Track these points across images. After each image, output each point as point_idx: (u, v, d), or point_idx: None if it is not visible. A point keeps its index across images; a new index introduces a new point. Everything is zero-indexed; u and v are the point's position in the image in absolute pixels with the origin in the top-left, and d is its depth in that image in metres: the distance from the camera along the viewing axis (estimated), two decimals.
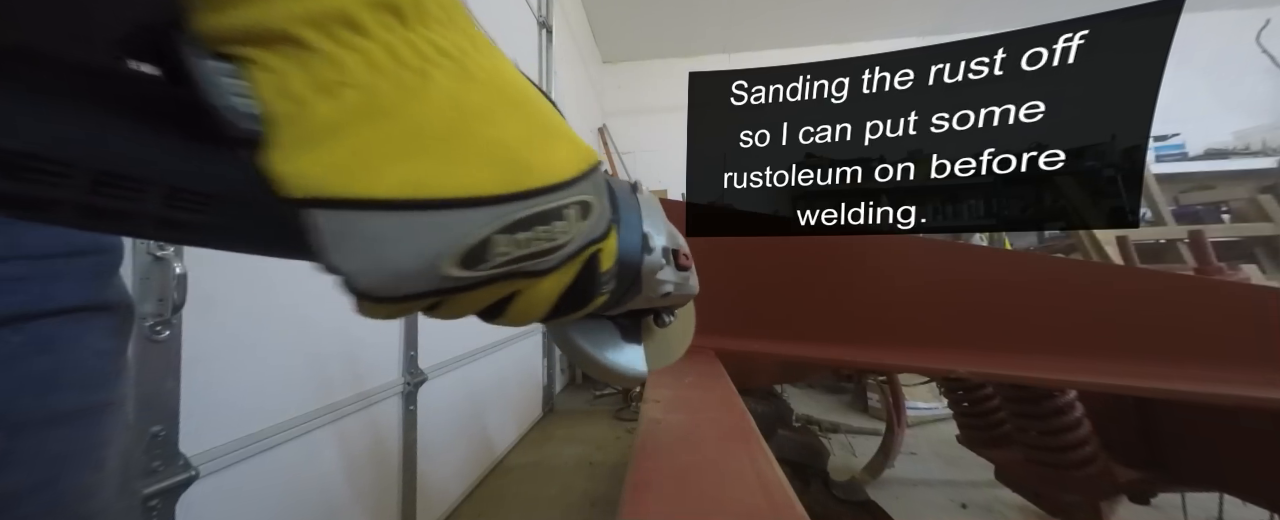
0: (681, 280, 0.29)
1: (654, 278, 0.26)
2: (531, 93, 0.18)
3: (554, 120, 0.19)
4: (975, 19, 4.09)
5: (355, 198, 0.14)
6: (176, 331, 0.65)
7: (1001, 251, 0.97)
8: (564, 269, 0.20)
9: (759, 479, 0.29)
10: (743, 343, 0.81)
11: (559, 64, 2.72)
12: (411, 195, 0.14)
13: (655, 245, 0.25)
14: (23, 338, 0.24)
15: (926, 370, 0.77)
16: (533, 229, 0.17)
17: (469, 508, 1.50)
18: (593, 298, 0.22)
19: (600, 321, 0.30)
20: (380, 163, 0.14)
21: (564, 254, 0.19)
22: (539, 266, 0.18)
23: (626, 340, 0.31)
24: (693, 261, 0.30)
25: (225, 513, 0.74)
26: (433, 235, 0.15)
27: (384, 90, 0.14)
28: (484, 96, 0.16)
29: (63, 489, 0.25)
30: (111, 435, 0.29)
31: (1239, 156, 3.56)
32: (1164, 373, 0.62)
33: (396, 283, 0.15)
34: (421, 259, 0.15)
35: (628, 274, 0.24)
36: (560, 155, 0.18)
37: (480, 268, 0.16)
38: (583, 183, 0.19)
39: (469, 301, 0.19)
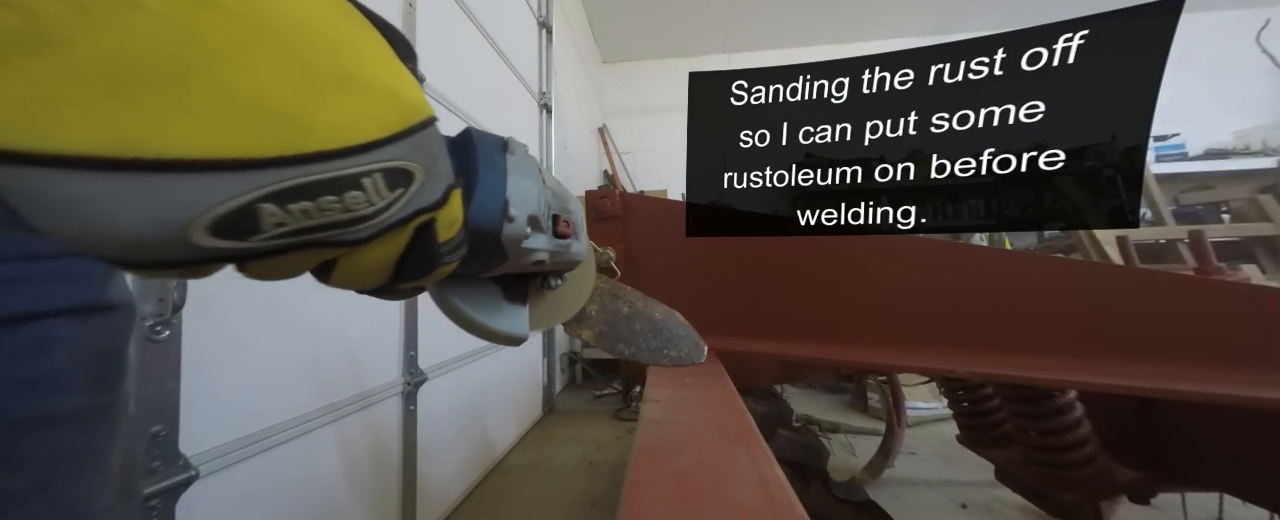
0: (559, 248, 0.28)
1: (518, 247, 0.24)
2: (330, 30, 0.15)
3: (363, 66, 0.15)
4: (975, 19, 4.09)
5: (31, 151, 0.11)
6: (176, 331, 0.65)
7: (1001, 251, 0.97)
8: (387, 238, 0.18)
9: (759, 479, 0.29)
10: (743, 343, 0.81)
11: (559, 64, 2.72)
12: (116, 153, 0.11)
13: (517, 214, 0.23)
14: (22, 338, 0.24)
15: (926, 370, 0.77)
16: (316, 199, 0.14)
17: (469, 508, 1.50)
18: (432, 267, 0.20)
19: (483, 283, 0.29)
20: (62, 107, 0.11)
21: (379, 224, 0.17)
22: (346, 237, 0.16)
23: (510, 301, 0.30)
24: (575, 229, 0.29)
25: (225, 513, 0.74)
26: (163, 202, 0.12)
27: (52, 11, 0.11)
28: (234, 32, 0.12)
29: (63, 490, 0.25)
30: (113, 436, 0.29)
31: (1239, 156, 3.57)
32: (1164, 373, 0.62)
33: (136, 252, 0.13)
34: (157, 228, 0.12)
35: (485, 240, 0.23)
36: (361, 111, 0.15)
37: (253, 238, 0.14)
38: (395, 145, 0.16)
39: (271, 267, 0.16)
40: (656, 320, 0.45)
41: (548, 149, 2.49)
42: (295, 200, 0.14)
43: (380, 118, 0.16)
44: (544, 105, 2.47)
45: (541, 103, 2.46)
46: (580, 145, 3.47)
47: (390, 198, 0.16)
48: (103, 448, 0.28)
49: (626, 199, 0.91)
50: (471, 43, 1.69)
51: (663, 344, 0.44)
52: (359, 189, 0.15)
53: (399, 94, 0.16)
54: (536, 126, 2.41)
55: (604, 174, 4.12)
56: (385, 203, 0.16)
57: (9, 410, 0.23)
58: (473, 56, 1.70)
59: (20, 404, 0.24)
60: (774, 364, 1.08)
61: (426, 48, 1.31)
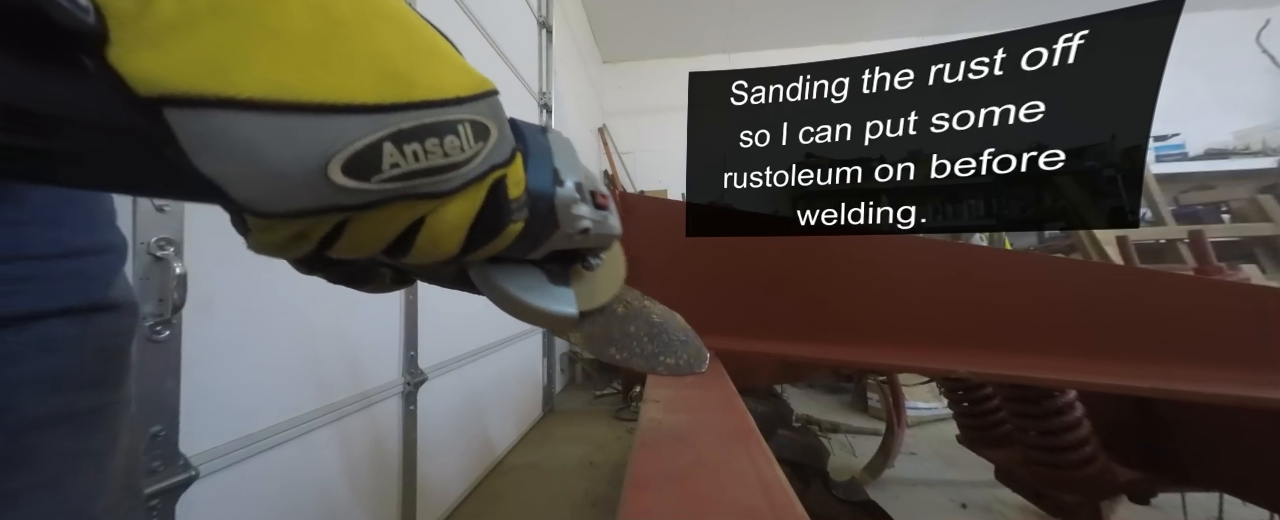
0: (600, 218, 0.29)
1: (569, 211, 0.26)
2: (415, 19, 0.18)
3: (441, 46, 0.19)
4: (975, 19, 4.09)
5: (216, 95, 0.13)
6: (176, 331, 0.65)
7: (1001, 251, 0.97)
8: (468, 192, 0.20)
9: (759, 479, 0.29)
10: (743, 343, 0.81)
11: (559, 64, 2.72)
12: (279, 97, 0.14)
13: (566, 179, 0.25)
14: (26, 338, 0.24)
15: (926, 370, 0.77)
16: (424, 141, 0.17)
17: (469, 508, 1.50)
18: (504, 225, 0.22)
19: (527, 267, 0.30)
20: (239, 61, 0.14)
21: (465, 175, 0.19)
22: (440, 187, 0.18)
23: (555, 284, 0.31)
24: (610, 202, 0.30)
25: (225, 513, 0.74)
26: (311, 139, 0.15)
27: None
28: (358, 8, 0.16)
29: (66, 489, 0.25)
30: (116, 435, 0.29)
31: (1239, 156, 3.57)
32: (1164, 373, 0.62)
33: (281, 192, 0.15)
34: (303, 164, 0.15)
35: (541, 206, 0.24)
36: (447, 75, 0.18)
37: (374, 179, 0.16)
38: (476, 103, 0.19)
39: (371, 226, 0.18)
40: (654, 323, 0.42)
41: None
42: (409, 141, 0.17)
43: (463, 82, 0.19)
44: (544, 105, 2.47)
45: (541, 103, 2.46)
46: (580, 145, 3.48)
47: (476, 147, 0.19)
48: (106, 447, 0.28)
49: (626, 199, 0.91)
50: (471, 43, 1.69)
51: (659, 349, 0.41)
52: (455, 134, 0.18)
53: (470, 69, 0.20)
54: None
55: (604, 174, 4.12)
56: (473, 152, 0.19)
57: (12, 409, 0.23)
58: (473, 56, 1.69)
59: (24, 403, 0.24)
60: (774, 364, 1.08)
61: None
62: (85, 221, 0.28)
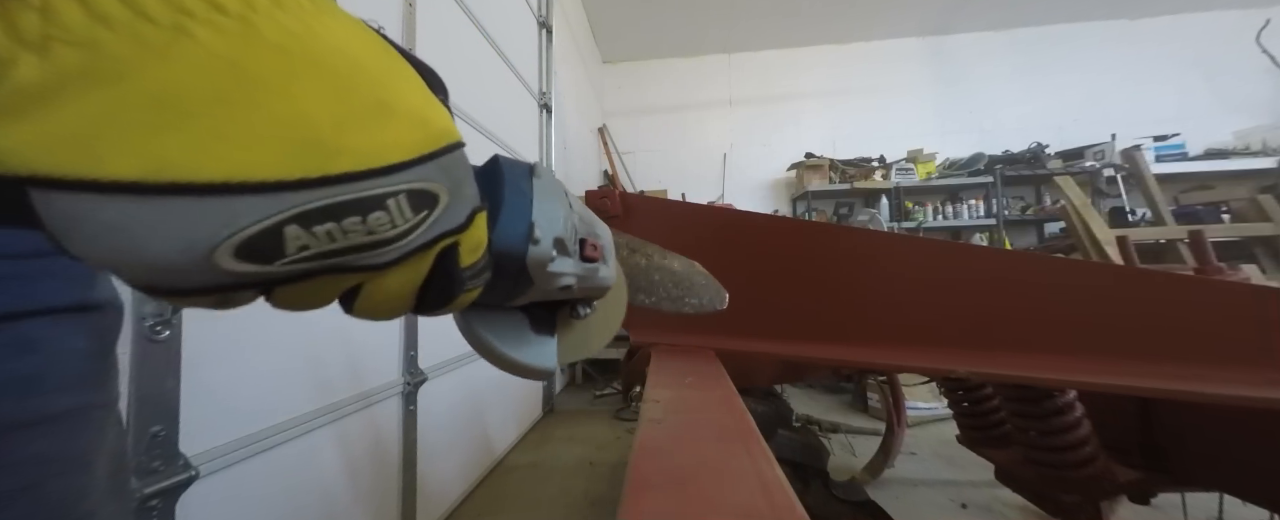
0: (587, 272, 0.27)
1: (544, 270, 0.24)
2: (368, 61, 0.16)
3: (396, 95, 0.16)
4: (975, 19, 4.09)
5: (82, 178, 0.11)
6: (176, 331, 0.65)
7: (1001, 251, 0.97)
8: (410, 263, 0.18)
9: (759, 479, 0.29)
10: (743, 343, 0.81)
11: (559, 64, 2.72)
12: (157, 177, 0.12)
13: (543, 236, 0.23)
14: (4, 338, 0.24)
15: (926, 370, 0.77)
16: (341, 220, 0.15)
17: (469, 508, 1.50)
18: (455, 294, 0.20)
19: (508, 312, 0.28)
20: (114, 136, 0.12)
21: (402, 248, 0.17)
22: (369, 261, 0.16)
23: (537, 332, 0.29)
24: (603, 253, 0.28)
25: (225, 513, 0.74)
26: (194, 223, 0.13)
27: (113, 48, 0.11)
28: (277, 63, 0.13)
29: (49, 492, 0.25)
30: (100, 437, 0.29)
31: (1239, 156, 3.57)
32: (1164, 373, 0.62)
33: (165, 277, 0.13)
34: (186, 252, 0.13)
35: (510, 266, 0.23)
36: (389, 136, 0.15)
37: (277, 262, 0.14)
38: (421, 168, 0.16)
39: (297, 295, 0.17)
40: (676, 271, 0.45)
41: (548, 149, 2.49)
42: (320, 222, 0.14)
43: (407, 141, 0.16)
44: (544, 105, 2.47)
45: (541, 103, 2.46)
46: (580, 145, 3.47)
47: (413, 220, 0.17)
48: (89, 449, 0.28)
49: (626, 199, 0.91)
50: (471, 43, 1.69)
51: (683, 292, 0.44)
52: (382, 210, 0.15)
53: (428, 120, 0.17)
54: (536, 126, 2.41)
55: (604, 174, 4.12)
56: (408, 225, 0.16)
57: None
58: (473, 56, 1.70)
59: (4, 404, 0.24)
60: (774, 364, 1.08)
61: (426, 48, 1.31)
62: None
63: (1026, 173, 3.78)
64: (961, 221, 3.84)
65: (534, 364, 0.28)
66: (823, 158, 4.02)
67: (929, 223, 3.85)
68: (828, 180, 3.95)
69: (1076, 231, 2.44)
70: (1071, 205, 2.50)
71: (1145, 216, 3.20)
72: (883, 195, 3.86)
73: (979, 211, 3.83)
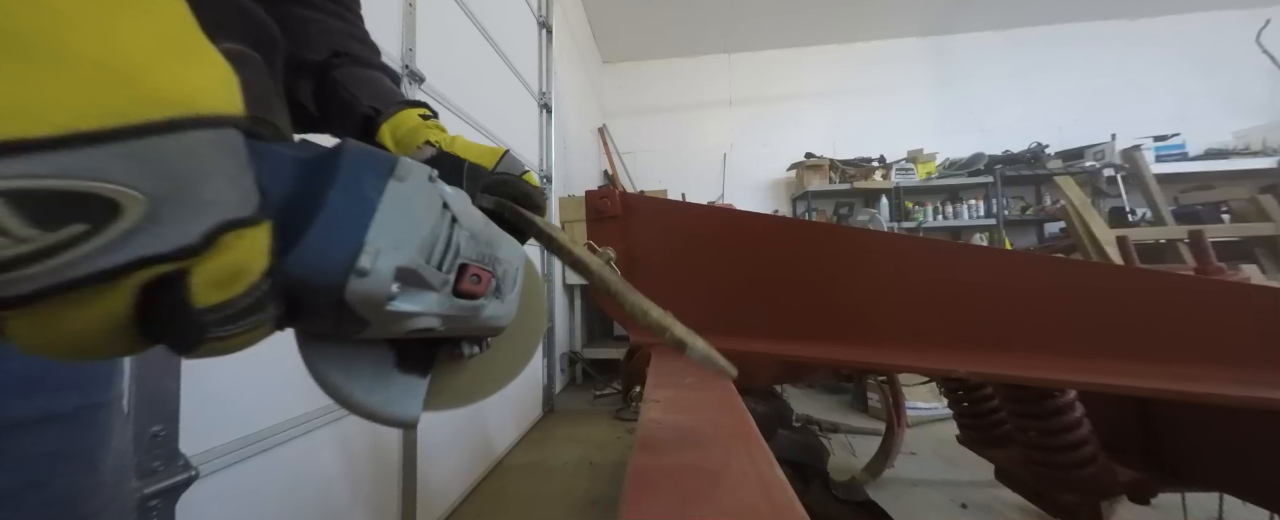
0: (460, 312, 0.20)
1: (381, 311, 0.18)
2: None
3: (69, 29, 0.10)
4: (975, 19, 4.09)
5: None
6: None
7: (1001, 251, 0.97)
8: (80, 299, 0.12)
9: (759, 479, 0.29)
10: (743, 343, 0.81)
11: (559, 64, 2.72)
12: None
13: (375, 265, 0.17)
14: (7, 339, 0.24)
15: (926, 370, 0.77)
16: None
17: (469, 508, 1.50)
18: (192, 342, 0.15)
19: (370, 345, 0.22)
20: None
21: (42, 279, 0.11)
22: None
23: (404, 370, 0.23)
24: (499, 283, 0.22)
25: (225, 513, 0.74)
26: None
27: None
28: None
29: (54, 490, 0.25)
30: (105, 436, 0.29)
31: (1239, 156, 3.57)
32: (1164, 373, 0.62)
33: None
34: None
35: (320, 303, 0.17)
36: (12, 95, 0.10)
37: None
38: (81, 151, 0.10)
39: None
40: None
41: (548, 149, 2.49)
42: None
43: (58, 105, 0.10)
44: (544, 105, 2.47)
45: (541, 103, 2.46)
46: (580, 145, 3.47)
47: (46, 239, 0.11)
48: (94, 447, 0.28)
49: (626, 199, 0.91)
50: (471, 43, 1.69)
51: None
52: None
53: (139, 76, 0.11)
54: (536, 126, 2.41)
55: (604, 174, 4.12)
56: (32, 247, 0.11)
57: (1, 410, 0.23)
58: (473, 56, 1.70)
59: (9, 404, 0.24)
60: (774, 364, 1.08)
61: (426, 48, 1.31)
62: None
63: (1026, 173, 3.78)
64: (961, 221, 3.84)
65: (389, 412, 0.22)
66: (823, 158, 4.02)
67: (929, 223, 3.85)
68: (828, 180, 3.95)
69: (1076, 231, 2.44)
70: (1071, 205, 2.50)
71: (1145, 216, 3.20)
72: (883, 195, 3.86)
73: (979, 211, 3.83)
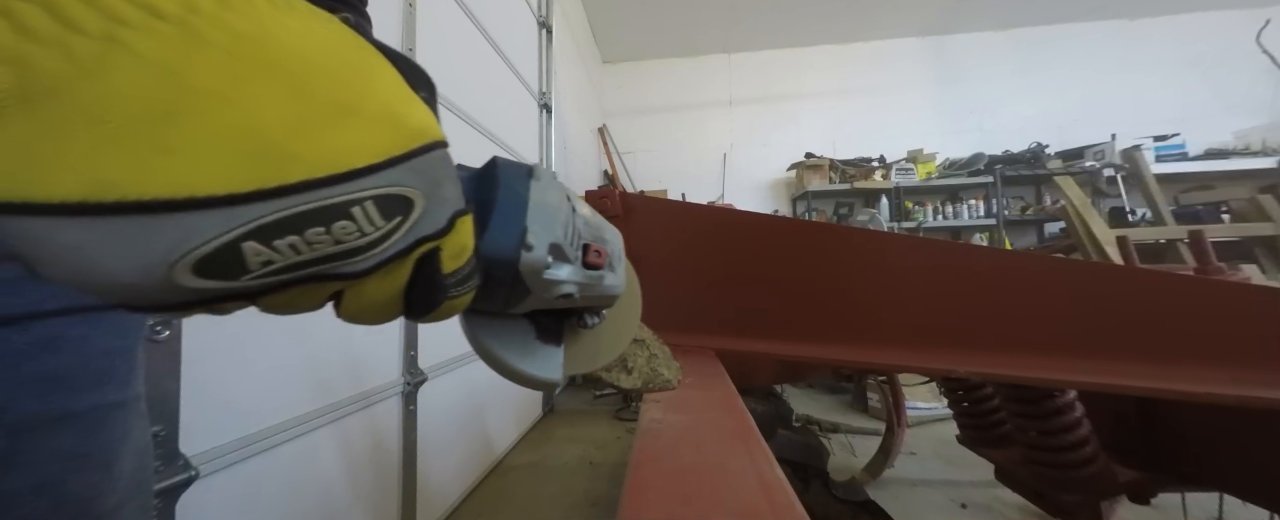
0: (591, 280, 0.25)
1: (540, 278, 0.23)
2: (330, 60, 0.15)
3: (364, 94, 0.15)
4: (976, 19, 4.09)
5: (29, 201, 0.11)
6: (176, 331, 0.65)
7: (1001, 251, 0.97)
8: (388, 270, 0.17)
9: (759, 479, 0.29)
10: (743, 343, 0.81)
11: (559, 64, 2.72)
12: (99, 198, 0.11)
13: (536, 242, 0.22)
14: (27, 337, 0.24)
15: (926, 370, 0.77)
16: (304, 232, 0.14)
17: (469, 508, 1.50)
18: (437, 301, 0.19)
19: (514, 320, 0.27)
20: (53, 157, 0.11)
21: (379, 255, 0.16)
22: (345, 269, 0.16)
23: (543, 341, 0.28)
24: (610, 259, 0.27)
25: (225, 513, 0.74)
26: (143, 244, 0.12)
27: (43, 64, 0.11)
28: (226, 68, 0.13)
29: (69, 489, 0.25)
30: (122, 434, 0.29)
31: (1239, 156, 3.57)
32: (1164, 373, 0.62)
33: (132, 295, 0.13)
34: (145, 271, 0.12)
35: (502, 272, 0.22)
36: (354, 139, 0.15)
37: (243, 278, 0.14)
38: (391, 171, 0.15)
39: (279, 303, 0.16)
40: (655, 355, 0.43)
41: (548, 149, 2.49)
42: (280, 235, 0.14)
43: (375, 144, 0.15)
44: (544, 105, 2.47)
45: (541, 103, 2.46)
46: (580, 145, 3.47)
47: (386, 227, 0.16)
48: (111, 448, 0.28)
49: (626, 199, 0.91)
50: (471, 42, 1.69)
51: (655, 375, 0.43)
52: (348, 219, 0.15)
53: (401, 119, 0.16)
54: (536, 126, 2.41)
55: (604, 174, 4.12)
56: (380, 232, 0.16)
57: (16, 408, 0.23)
58: (473, 56, 1.70)
59: (27, 402, 0.24)
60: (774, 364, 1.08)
61: (426, 48, 1.31)
62: None
63: (1026, 173, 3.78)
64: (961, 221, 3.84)
65: (537, 374, 0.27)
66: (823, 158, 4.02)
67: (929, 223, 3.85)
68: (828, 180, 3.95)
69: (1076, 231, 2.44)
70: (1071, 205, 2.50)
71: (1145, 216, 3.20)
72: (883, 195, 3.86)
73: (979, 211, 3.83)
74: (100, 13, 0.11)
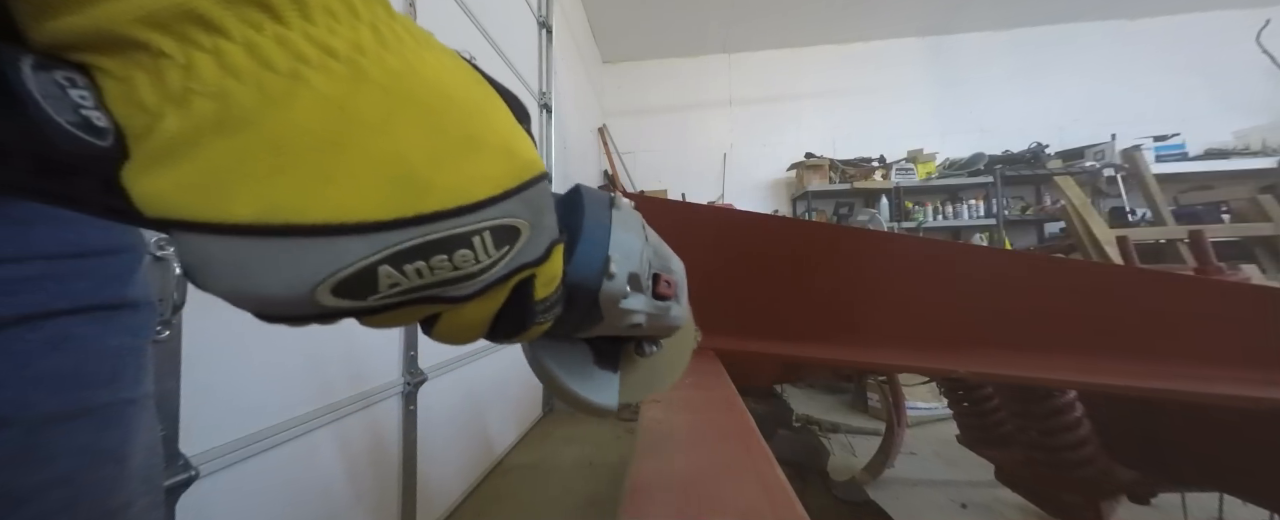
0: (659, 311, 0.26)
1: (616, 307, 0.23)
2: (462, 95, 0.16)
3: (487, 127, 0.16)
4: (975, 19, 4.09)
5: (210, 221, 0.12)
6: (176, 331, 0.65)
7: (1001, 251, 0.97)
8: (489, 294, 0.18)
9: (759, 479, 0.29)
10: (743, 343, 0.81)
11: (559, 64, 2.72)
12: (269, 220, 0.13)
13: (618, 271, 0.22)
14: (38, 336, 0.24)
15: (926, 370, 0.77)
16: (430, 259, 0.15)
17: (469, 508, 1.50)
18: (526, 326, 0.20)
19: (574, 344, 0.28)
20: (236, 181, 0.12)
21: (482, 282, 0.17)
22: (452, 294, 0.17)
23: (601, 366, 0.28)
24: (676, 290, 0.27)
25: (225, 513, 0.74)
26: (299, 263, 0.14)
27: (241, 98, 0.12)
28: (382, 103, 0.14)
29: (82, 486, 0.26)
30: (133, 432, 0.29)
31: (1239, 156, 3.57)
32: (1164, 373, 0.62)
33: (274, 308, 0.14)
34: (290, 289, 0.14)
35: (582, 298, 0.22)
36: (479, 171, 0.16)
37: (371, 298, 0.15)
38: (507, 203, 0.16)
39: (382, 321, 0.17)
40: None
41: (548, 149, 2.49)
42: (411, 260, 0.15)
43: (495, 176, 0.16)
44: (544, 105, 2.47)
45: (541, 103, 2.46)
46: (580, 145, 3.47)
47: (496, 255, 0.17)
48: (123, 444, 0.28)
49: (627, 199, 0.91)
50: (472, 42, 1.69)
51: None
52: (469, 248, 0.16)
53: (515, 152, 0.17)
54: (536, 126, 2.41)
55: (604, 174, 4.12)
56: (491, 260, 0.17)
57: (27, 405, 0.24)
58: (473, 56, 1.70)
59: (38, 399, 0.24)
60: (774, 364, 1.08)
61: None
62: (99, 222, 0.28)
63: (1026, 173, 3.78)
64: (961, 221, 3.83)
65: (595, 401, 0.27)
66: (823, 158, 4.02)
67: (929, 223, 3.85)
68: (828, 180, 3.95)
69: (1076, 231, 2.44)
70: (1071, 205, 2.50)
71: (1145, 216, 3.20)
72: (883, 195, 3.86)
73: (979, 211, 3.83)
74: (289, 53, 0.13)
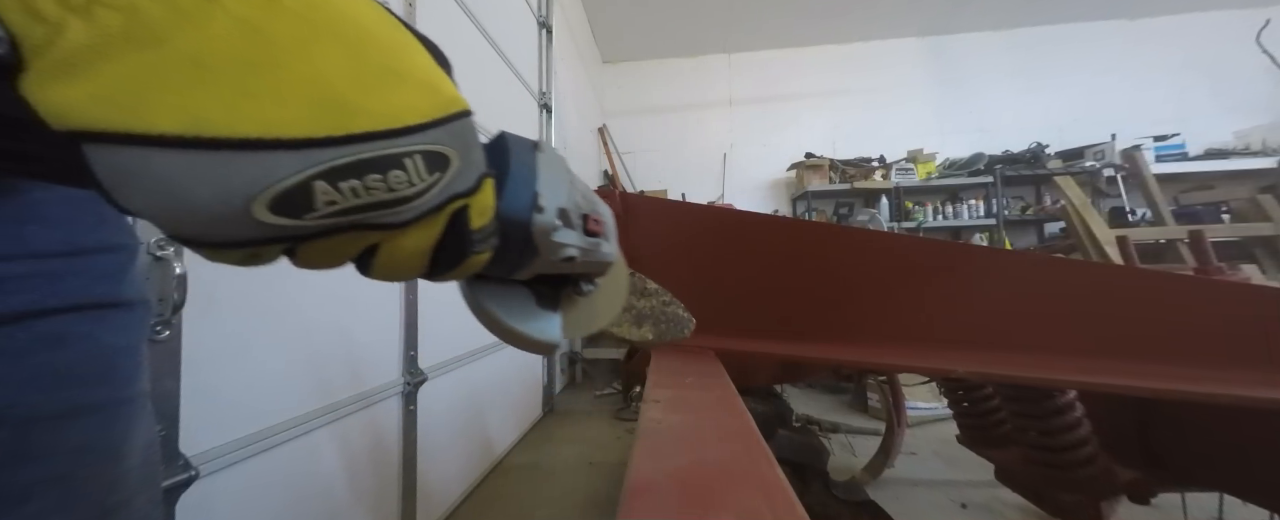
0: (590, 245, 0.28)
1: (549, 239, 0.25)
2: (380, 31, 0.17)
3: (406, 63, 0.17)
4: (975, 19, 4.09)
5: (130, 132, 0.13)
6: (176, 331, 0.65)
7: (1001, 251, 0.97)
8: (426, 223, 0.19)
9: (759, 479, 0.29)
10: (743, 343, 0.81)
11: (559, 64, 2.72)
12: (197, 132, 0.13)
13: (547, 205, 0.24)
14: (31, 334, 0.24)
15: (926, 370, 0.77)
16: (364, 177, 0.16)
17: (469, 508, 1.50)
18: (466, 255, 0.21)
19: (515, 287, 0.29)
20: (154, 94, 0.13)
21: (418, 208, 0.18)
22: (388, 219, 0.17)
23: (542, 307, 0.30)
24: (605, 229, 0.29)
25: (225, 513, 0.74)
26: (233, 177, 0.14)
27: (152, 12, 0.12)
28: (298, 29, 0.14)
29: (78, 483, 0.26)
30: (130, 430, 0.29)
31: (1239, 156, 3.57)
32: (1164, 373, 0.62)
33: (208, 228, 0.15)
34: (226, 202, 0.14)
35: (516, 233, 0.24)
36: (403, 100, 0.17)
37: (308, 216, 0.15)
38: (434, 130, 0.17)
39: (321, 251, 0.18)
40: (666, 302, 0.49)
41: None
42: (345, 178, 0.15)
43: (421, 106, 0.17)
44: (544, 105, 2.47)
45: (541, 103, 2.46)
46: (580, 145, 3.47)
47: (429, 180, 0.18)
48: (119, 442, 0.28)
49: (627, 199, 0.91)
50: (471, 42, 1.69)
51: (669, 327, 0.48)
52: (401, 169, 0.17)
53: (438, 88, 0.18)
54: (536, 126, 2.41)
55: (604, 174, 4.12)
56: (424, 185, 0.18)
57: (21, 404, 0.24)
58: (473, 56, 1.70)
59: (32, 398, 0.24)
60: (774, 364, 1.08)
61: None
62: (92, 220, 0.28)
63: (1026, 173, 3.78)
64: (961, 221, 3.83)
65: (538, 336, 0.29)
66: (823, 158, 4.02)
67: (929, 223, 3.85)
68: (828, 180, 3.94)
69: (1076, 231, 2.45)
70: (1071, 205, 2.50)
71: (1145, 216, 3.20)
72: (883, 195, 3.86)
73: (979, 211, 3.83)
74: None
